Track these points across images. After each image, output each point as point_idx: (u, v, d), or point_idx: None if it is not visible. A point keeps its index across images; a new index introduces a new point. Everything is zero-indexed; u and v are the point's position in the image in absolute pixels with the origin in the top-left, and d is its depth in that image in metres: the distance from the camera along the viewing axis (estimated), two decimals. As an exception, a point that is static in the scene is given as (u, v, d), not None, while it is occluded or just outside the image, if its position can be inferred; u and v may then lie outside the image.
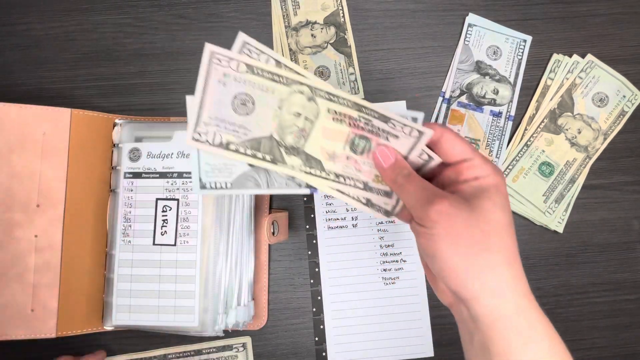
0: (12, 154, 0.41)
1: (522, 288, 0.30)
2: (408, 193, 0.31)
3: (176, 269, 0.42)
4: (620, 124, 0.50)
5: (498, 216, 0.30)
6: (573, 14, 0.52)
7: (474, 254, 0.29)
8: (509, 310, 0.29)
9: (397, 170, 0.32)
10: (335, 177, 0.34)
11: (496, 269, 0.29)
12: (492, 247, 0.29)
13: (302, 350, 0.46)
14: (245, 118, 0.33)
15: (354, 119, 0.32)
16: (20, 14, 0.49)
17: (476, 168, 0.32)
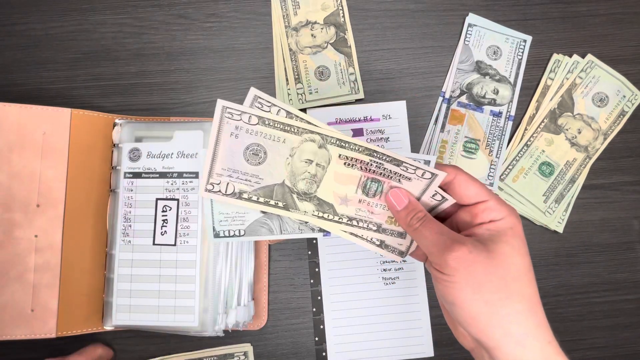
0: (12, 154, 0.41)
1: (545, 336, 0.29)
2: (424, 237, 0.31)
3: (176, 269, 0.42)
4: (620, 124, 0.50)
5: (517, 261, 0.30)
6: (573, 14, 0.52)
7: (495, 302, 0.28)
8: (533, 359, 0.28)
9: (412, 213, 0.32)
10: (349, 221, 0.34)
11: (519, 317, 0.28)
12: (514, 294, 0.29)
13: (302, 350, 0.46)
14: (257, 167, 0.33)
15: (365, 163, 0.32)
16: (20, 14, 0.49)
17: (492, 211, 0.31)
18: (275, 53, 0.49)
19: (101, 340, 0.45)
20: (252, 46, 0.50)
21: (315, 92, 0.49)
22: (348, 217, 0.34)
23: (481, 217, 0.32)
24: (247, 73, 0.49)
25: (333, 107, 0.49)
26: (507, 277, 0.29)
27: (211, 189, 0.33)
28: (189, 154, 0.42)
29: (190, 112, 0.48)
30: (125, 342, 0.45)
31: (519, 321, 0.28)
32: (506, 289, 0.29)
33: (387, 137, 0.48)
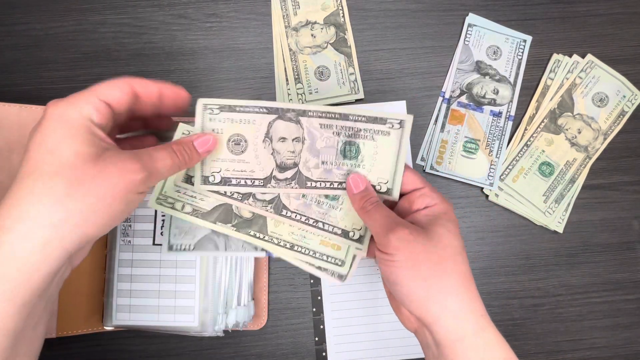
0: (12, 153, 0.41)
1: (479, 309, 0.31)
2: (374, 220, 0.34)
3: (176, 269, 0.42)
4: (620, 124, 0.50)
5: (452, 242, 0.33)
6: (573, 14, 0.52)
7: (433, 277, 0.31)
8: (469, 331, 0.30)
9: (367, 197, 0.35)
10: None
11: (454, 292, 0.31)
12: (449, 271, 0.31)
13: (302, 350, 0.46)
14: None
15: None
16: (20, 14, 0.49)
17: (426, 197, 0.35)
18: (275, 53, 0.49)
19: (101, 340, 0.45)
20: (252, 46, 0.50)
21: (315, 92, 0.49)
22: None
23: (417, 203, 0.35)
24: (247, 73, 0.49)
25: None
26: (443, 255, 0.32)
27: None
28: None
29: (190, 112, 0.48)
30: (125, 342, 0.45)
31: (454, 295, 0.31)
32: (442, 266, 0.31)
33: (387, 137, 0.48)
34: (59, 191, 0.27)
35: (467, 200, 0.49)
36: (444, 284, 0.31)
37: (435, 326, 0.31)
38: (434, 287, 0.31)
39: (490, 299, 0.48)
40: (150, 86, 0.34)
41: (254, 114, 0.35)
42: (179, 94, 0.36)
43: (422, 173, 0.49)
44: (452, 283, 0.31)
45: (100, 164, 0.29)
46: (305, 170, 0.36)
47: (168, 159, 0.32)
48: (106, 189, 0.28)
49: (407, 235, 0.32)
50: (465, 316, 0.31)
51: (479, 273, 0.48)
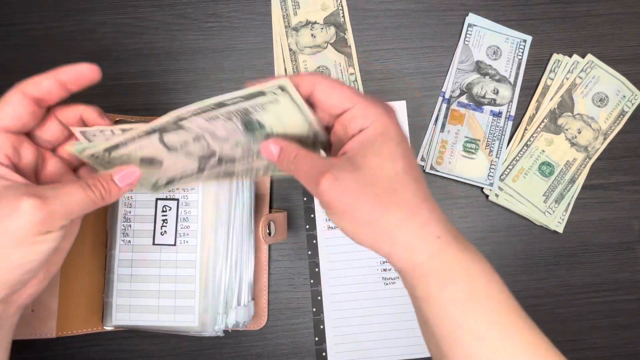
0: (12, 154, 0.41)
1: (432, 232, 0.28)
2: (300, 176, 0.30)
3: (176, 269, 0.42)
4: (620, 124, 0.50)
5: (387, 171, 0.28)
6: (573, 14, 0.52)
7: (374, 220, 0.27)
8: (423, 258, 0.27)
9: (286, 157, 0.30)
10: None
11: (401, 225, 0.27)
12: (390, 206, 0.27)
13: (302, 350, 0.46)
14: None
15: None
16: (20, 14, 0.49)
17: (358, 118, 0.28)
18: (275, 53, 0.49)
19: (101, 340, 0.45)
20: (252, 46, 0.50)
21: (315, 92, 0.49)
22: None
23: (351, 128, 0.29)
24: (247, 73, 0.49)
25: (333, 107, 0.49)
26: (378, 191, 0.27)
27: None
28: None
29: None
30: (125, 342, 0.45)
31: (401, 228, 0.27)
32: (381, 204, 0.27)
33: (387, 137, 0.48)
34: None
35: (467, 200, 0.49)
36: (387, 222, 0.27)
37: (392, 260, 0.28)
38: (379, 228, 0.27)
39: (490, 299, 0.48)
40: (43, 81, 0.31)
41: (139, 142, 0.31)
42: (80, 72, 0.32)
43: (422, 173, 0.49)
44: (396, 218, 0.27)
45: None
46: (228, 152, 0.33)
47: (79, 194, 0.29)
48: (4, 244, 0.26)
49: (331, 183, 0.27)
50: (417, 245, 0.27)
51: (479, 273, 0.48)
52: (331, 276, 0.47)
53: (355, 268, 0.47)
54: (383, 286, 0.47)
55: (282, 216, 0.46)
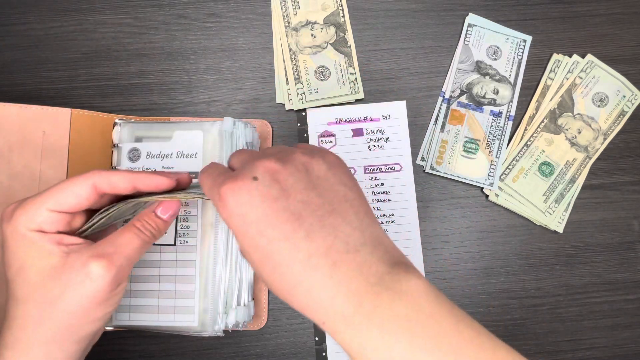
0: (12, 153, 0.41)
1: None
2: (202, 182, 0.29)
3: (176, 269, 0.42)
4: (620, 124, 0.50)
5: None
6: (573, 14, 0.52)
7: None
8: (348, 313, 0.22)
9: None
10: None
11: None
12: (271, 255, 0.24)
13: (302, 350, 0.46)
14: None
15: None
16: (20, 14, 0.49)
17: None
18: (275, 53, 0.49)
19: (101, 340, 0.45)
20: (252, 46, 0.50)
21: (315, 92, 0.49)
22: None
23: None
24: (247, 73, 0.49)
25: (333, 107, 0.49)
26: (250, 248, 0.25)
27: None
28: (188, 154, 0.42)
29: (190, 112, 0.48)
30: (125, 342, 0.45)
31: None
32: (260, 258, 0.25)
33: (387, 137, 0.48)
34: (34, 316, 0.28)
35: (467, 200, 0.49)
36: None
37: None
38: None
39: (490, 299, 0.48)
40: (119, 183, 0.31)
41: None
42: (158, 185, 0.32)
43: (422, 173, 0.49)
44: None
45: (64, 276, 0.28)
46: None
47: (136, 241, 0.31)
48: (76, 304, 0.28)
49: (230, 185, 0.25)
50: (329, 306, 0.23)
51: (479, 273, 0.48)
52: (331, 276, 0.47)
53: (355, 268, 0.47)
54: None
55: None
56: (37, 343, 0.28)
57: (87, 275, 0.28)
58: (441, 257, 0.48)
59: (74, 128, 0.43)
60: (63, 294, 0.28)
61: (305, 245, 0.23)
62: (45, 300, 0.28)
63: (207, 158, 0.42)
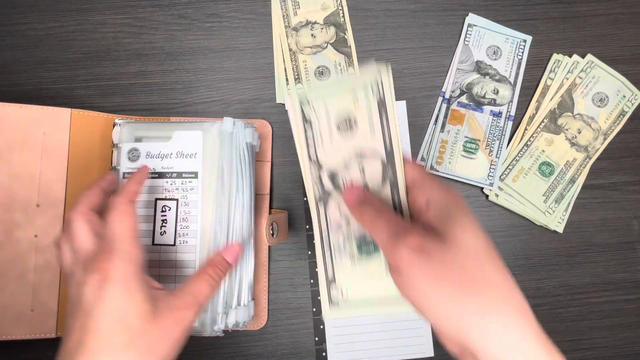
0: (12, 154, 0.41)
1: (530, 326, 0.24)
2: (378, 230, 0.28)
3: (175, 269, 0.42)
4: (620, 124, 0.50)
5: (474, 242, 0.26)
6: (573, 14, 0.52)
7: (463, 297, 0.24)
8: (519, 358, 0.24)
9: (367, 205, 0.30)
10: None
11: (494, 310, 0.24)
12: (480, 284, 0.25)
13: (302, 350, 0.46)
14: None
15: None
16: (20, 14, 0.49)
17: (424, 188, 0.29)
18: (275, 53, 0.49)
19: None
20: (252, 46, 0.50)
21: (315, 92, 0.48)
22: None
23: (419, 200, 0.29)
24: (247, 73, 0.49)
25: (333, 107, 0.49)
26: (466, 264, 0.25)
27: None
28: (188, 154, 0.42)
29: (190, 112, 0.48)
30: (125, 342, 0.45)
31: (495, 314, 0.24)
32: (471, 281, 0.25)
33: (387, 137, 0.48)
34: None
35: (467, 200, 0.49)
36: (478, 303, 0.24)
37: (480, 355, 0.24)
38: (468, 309, 0.24)
39: (490, 299, 0.47)
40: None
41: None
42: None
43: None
44: (488, 299, 0.24)
45: (160, 322, 0.31)
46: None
47: (209, 289, 0.35)
48: (170, 345, 0.31)
49: (419, 242, 0.25)
50: (515, 340, 0.24)
51: (479, 273, 0.48)
52: (331, 276, 0.47)
53: (355, 268, 0.47)
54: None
55: (284, 216, 0.46)
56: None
57: (178, 320, 0.32)
58: (441, 257, 0.48)
59: (74, 128, 0.43)
60: (161, 338, 0.30)
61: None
62: (147, 346, 0.30)
63: (207, 158, 0.42)
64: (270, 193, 0.47)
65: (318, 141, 0.33)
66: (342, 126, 0.33)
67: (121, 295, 0.30)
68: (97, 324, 0.29)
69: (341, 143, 0.33)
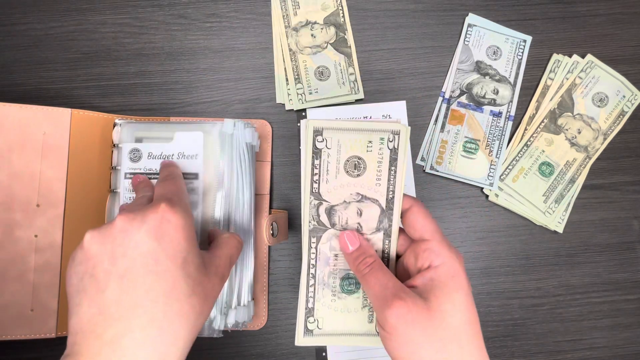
0: (12, 154, 0.41)
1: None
2: (370, 287, 0.30)
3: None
4: (620, 124, 0.50)
5: (458, 319, 0.28)
6: (573, 14, 0.52)
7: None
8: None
9: (362, 256, 0.32)
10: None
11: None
12: (453, 355, 0.28)
13: (302, 350, 0.46)
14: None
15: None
16: (20, 14, 0.49)
17: (432, 252, 0.30)
18: (275, 53, 0.49)
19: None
20: (252, 46, 0.50)
21: (315, 92, 0.49)
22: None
23: (421, 259, 0.30)
24: (247, 73, 0.49)
25: (333, 107, 0.49)
26: (445, 337, 0.28)
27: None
28: (189, 155, 0.42)
29: (190, 112, 0.48)
30: (125, 342, 0.45)
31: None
32: (445, 351, 0.27)
33: (387, 137, 0.48)
34: (196, 309, 0.29)
35: (467, 200, 0.49)
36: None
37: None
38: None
39: (490, 299, 0.48)
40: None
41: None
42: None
43: (422, 173, 0.49)
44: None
45: (209, 277, 0.31)
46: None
47: (238, 253, 0.36)
48: (213, 302, 0.31)
49: (406, 314, 0.28)
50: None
51: (479, 273, 0.48)
52: (331, 276, 0.47)
53: (355, 268, 0.47)
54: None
55: (284, 216, 0.46)
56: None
57: (221, 282, 0.33)
58: (441, 257, 0.48)
59: (74, 128, 0.43)
60: (213, 290, 0.31)
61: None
62: (205, 295, 0.30)
63: (208, 159, 0.42)
64: (270, 193, 0.47)
65: (323, 175, 0.33)
66: (350, 166, 0.33)
67: (183, 243, 0.29)
68: (158, 267, 0.28)
69: (345, 182, 0.33)
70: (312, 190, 0.33)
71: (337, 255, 0.34)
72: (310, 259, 0.34)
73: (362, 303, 0.35)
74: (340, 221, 0.34)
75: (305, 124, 0.33)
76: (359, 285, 0.34)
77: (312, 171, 0.33)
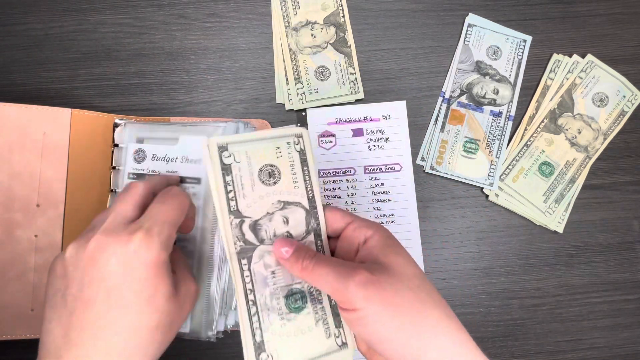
0: (12, 154, 0.41)
1: (468, 339, 0.28)
2: (321, 276, 0.29)
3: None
4: (620, 124, 0.50)
5: (412, 268, 0.29)
6: (573, 14, 0.52)
7: (419, 319, 0.27)
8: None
9: (302, 254, 0.30)
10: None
11: (443, 328, 0.27)
12: (428, 304, 0.27)
13: (302, 350, 0.46)
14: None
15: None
16: (20, 14, 0.49)
17: (361, 227, 0.31)
18: (275, 53, 0.49)
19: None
20: (252, 46, 0.50)
21: (315, 92, 0.49)
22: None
23: (355, 238, 0.31)
24: (247, 73, 0.49)
25: (333, 107, 0.49)
26: (413, 288, 0.27)
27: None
28: (193, 159, 0.42)
29: (190, 112, 0.48)
30: (125, 342, 0.45)
31: (444, 332, 0.27)
32: (420, 301, 0.27)
33: (387, 137, 0.48)
34: (157, 340, 0.30)
35: (467, 200, 0.49)
36: (431, 322, 0.27)
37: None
38: (426, 331, 0.27)
39: (490, 299, 0.48)
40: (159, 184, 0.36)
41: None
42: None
43: (423, 173, 0.49)
44: (436, 318, 0.27)
45: (178, 298, 0.31)
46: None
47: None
48: (184, 317, 0.32)
49: (371, 277, 0.27)
50: (462, 354, 0.27)
51: (478, 273, 0.48)
52: (331, 276, 0.47)
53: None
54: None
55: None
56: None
57: (193, 298, 0.34)
58: (441, 257, 0.48)
59: (74, 128, 0.43)
60: (178, 314, 0.32)
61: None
62: (171, 324, 0.31)
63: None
64: (271, 193, 0.47)
65: (239, 190, 0.32)
66: (265, 175, 0.33)
67: (152, 279, 0.29)
68: (124, 301, 0.28)
69: (264, 192, 0.32)
70: (229, 209, 0.31)
71: (274, 271, 0.32)
72: (245, 284, 0.31)
73: (314, 318, 0.32)
74: (267, 235, 0.32)
75: (207, 143, 0.31)
76: (306, 299, 0.32)
77: (225, 189, 0.31)
